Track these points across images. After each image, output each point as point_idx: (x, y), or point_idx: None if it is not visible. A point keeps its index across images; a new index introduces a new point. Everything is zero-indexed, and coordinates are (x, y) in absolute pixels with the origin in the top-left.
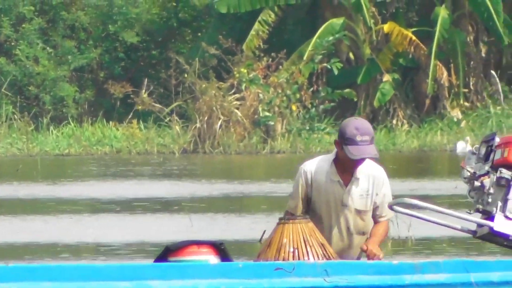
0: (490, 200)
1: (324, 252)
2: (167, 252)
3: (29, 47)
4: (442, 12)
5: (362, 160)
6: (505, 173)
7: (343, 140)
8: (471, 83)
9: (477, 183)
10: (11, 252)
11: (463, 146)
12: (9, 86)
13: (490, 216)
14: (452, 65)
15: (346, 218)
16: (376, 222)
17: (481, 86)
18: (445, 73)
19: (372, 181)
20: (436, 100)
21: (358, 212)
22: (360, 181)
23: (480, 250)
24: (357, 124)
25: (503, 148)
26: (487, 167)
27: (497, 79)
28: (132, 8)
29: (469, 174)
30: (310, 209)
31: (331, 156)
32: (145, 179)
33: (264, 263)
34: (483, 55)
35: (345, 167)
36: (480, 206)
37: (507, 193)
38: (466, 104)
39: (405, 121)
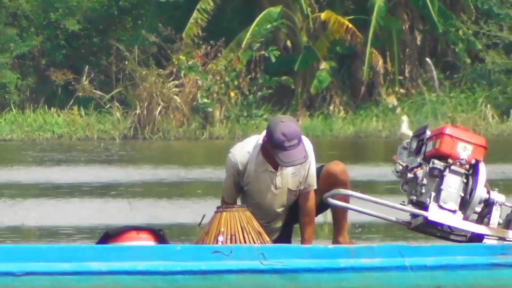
0: (423, 191)
1: (261, 240)
2: (106, 238)
3: None
4: (378, 1)
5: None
6: (438, 163)
7: (272, 144)
8: (406, 71)
9: (410, 175)
10: None
11: (405, 126)
12: None
13: (424, 207)
14: (388, 52)
15: (282, 198)
16: (302, 194)
17: (416, 73)
18: (381, 61)
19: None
20: (372, 87)
21: (291, 190)
22: None
23: (415, 235)
24: (284, 130)
25: (434, 140)
26: (419, 159)
27: (432, 67)
28: None
29: (401, 167)
30: (244, 194)
31: (258, 143)
32: (85, 164)
33: (202, 246)
34: (418, 43)
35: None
36: (414, 197)
37: (440, 183)
38: (402, 91)
39: (341, 108)
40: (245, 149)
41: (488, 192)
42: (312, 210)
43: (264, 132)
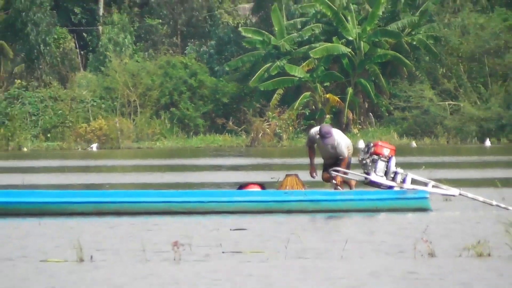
0: (369, 168)
1: (303, 187)
2: (240, 187)
3: None
4: (350, 90)
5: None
6: (375, 157)
7: (319, 134)
8: (362, 118)
9: (364, 162)
10: None
11: (361, 142)
12: None
13: (369, 175)
14: (354, 110)
15: (329, 153)
16: (339, 158)
17: (365, 119)
18: (351, 114)
19: (336, 137)
20: (347, 125)
21: (332, 152)
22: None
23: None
24: (323, 129)
25: (373, 147)
26: (368, 156)
27: (372, 117)
28: None
29: (361, 159)
30: (316, 146)
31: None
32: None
33: (284, 191)
34: (366, 106)
35: None
36: (365, 171)
37: (376, 165)
38: (359, 127)
39: None
40: (314, 130)
41: (396, 169)
42: (343, 165)
43: (318, 127)
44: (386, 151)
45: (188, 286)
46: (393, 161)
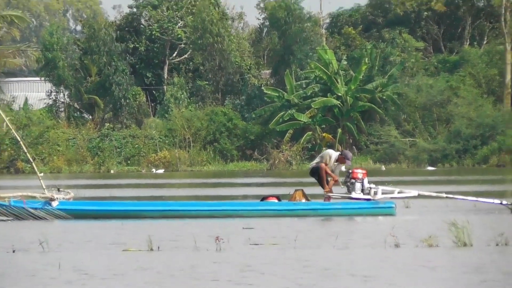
0: (350, 188)
1: (307, 199)
2: (263, 199)
3: None
4: (340, 131)
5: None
6: (353, 180)
7: (343, 155)
8: (348, 149)
9: (347, 184)
10: None
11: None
12: None
13: (351, 193)
14: (342, 144)
15: (336, 169)
16: (335, 170)
17: (350, 151)
18: (340, 147)
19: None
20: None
21: (335, 170)
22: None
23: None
24: (347, 154)
25: (352, 172)
26: (349, 179)
27: (354, 149)
28: None
29: (344, 181)
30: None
31: (335, 153)
32: None
33: (293, 202)
34: (351, 141)
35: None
36: (347, 190)
37: (354, 185)
38: None
39: None
40: (332, 152)
41: (369, 185)
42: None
43: (337, 152)
44: (360, 175)
45: (228, 266)
46: (366, 180)
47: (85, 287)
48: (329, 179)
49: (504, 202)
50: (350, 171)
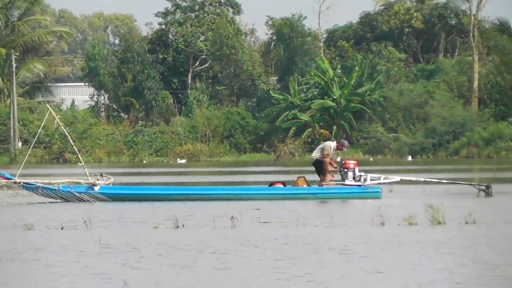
0: (344, 177)
1: (307, 185)
2: (270, 184)
3: None
4: (335, 130)
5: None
6: (345, 170)
7: (339, 143)
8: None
9: (341, 173)
10: None
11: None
12: None
13: (344, 180)
14: (336, 139)
15: (334, 156)
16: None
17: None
18: (335, 141)
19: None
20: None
21: (333, 154)
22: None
23: None
24: (343, 142)
25: (344, 163)
26: (342, 169)
27: (347, 143)
28: None
29: (339, 170)
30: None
31: (334, 143)
32: None
33: (297, 187)
34: (344, 136)
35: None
36: (342, 178)
37: (347, 174)
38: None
39: None
40: (332, 143)
41: (360, 173)
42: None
43: (334, 141)
44: (351, 165)
45: (243, 240)
46: (357, 169)
47: (122, 258)
48: (331, 168)
49: (473, 183)
50: (343, 162)
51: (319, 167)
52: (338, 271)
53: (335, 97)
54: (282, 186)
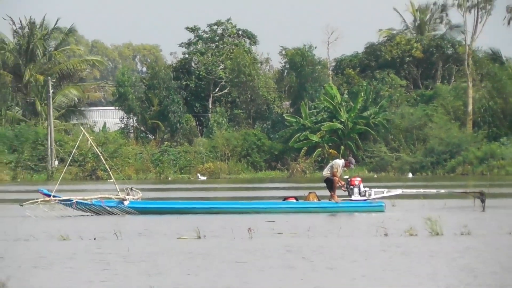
0: (350, 193)
1: (317, 199)
2: (284, 199)
3: None
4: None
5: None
6: (351, 187)
7: (348, 161)
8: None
9: (348, 190)
10: None
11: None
12: None
13: (351, 196)
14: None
15: (342, 173)
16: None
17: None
18: (343, 160)
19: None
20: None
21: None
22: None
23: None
24: (351, 159)
25: (350, 180)
26: (348, 185)
27: (353, 160)
28: None
29: (345, 187)
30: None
31: (342, 161)
32: None
33: (308, 202)
34: (350, 156)
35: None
36: (348, 195)
37: (353, 190)
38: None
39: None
40: (340, 161)
41: (364, 189)
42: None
43: (342, 160)
44: (356, 182)
45: (258, 251)
46: (361, 185)
47: (149, 265)
48: (338, 185)
49: (468, 191)
50: (349, 180)
51: (330, 183)
52: (347, 275)
53: (342, 120)
54: (294, 200)
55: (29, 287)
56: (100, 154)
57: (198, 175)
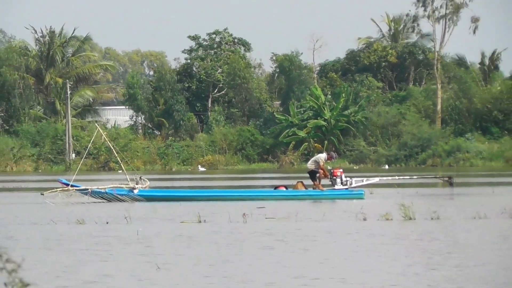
0: (333, 183)
1: (304, 188)
2: (275, 187)
3: None
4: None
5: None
6: (333, 177)
7: (329, 155)
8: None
9: (330, 180)
10: None
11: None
12: None
13: (333, 186)
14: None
15: (326, 166)
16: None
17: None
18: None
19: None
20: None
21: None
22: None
23: None
24: (332, 154)
25: (333, 171)
26: (331, 176)
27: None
28: None
29: (329, 178)
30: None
31: (325, 155)
32: None
33: (297, 190)
34: (333, 150)
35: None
36: (331, 184)
37: (335, 180)
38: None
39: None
40: (323, 155)
41: (346, 178)
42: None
43: (325, 153)
44: (338, 173)
45: (251, 234)
46: (343, 175)
47: (156, 247)
48: (320, 175)
49: (438, 175)
50: (332, 170)
51: (313, 175)
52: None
53: (326, 118)
54: (284, 189)
55: (44, 268)
56: (112, 148)
57: (199, 166)
